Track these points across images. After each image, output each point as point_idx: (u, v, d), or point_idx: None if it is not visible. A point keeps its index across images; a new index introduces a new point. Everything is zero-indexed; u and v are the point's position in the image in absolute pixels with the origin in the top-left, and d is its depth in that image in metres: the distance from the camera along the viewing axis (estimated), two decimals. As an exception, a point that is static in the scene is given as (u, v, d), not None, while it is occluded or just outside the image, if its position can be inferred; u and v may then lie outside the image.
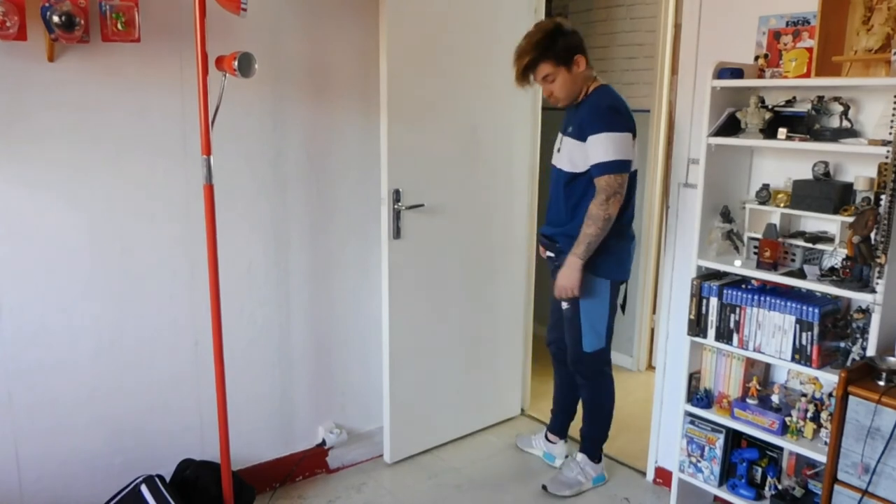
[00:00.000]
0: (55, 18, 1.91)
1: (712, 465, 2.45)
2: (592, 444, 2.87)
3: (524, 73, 2.49)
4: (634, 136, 2.48)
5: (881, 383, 1.92)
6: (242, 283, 2.58)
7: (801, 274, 2.18)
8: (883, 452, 1.87)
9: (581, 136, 2.47)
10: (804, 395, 2.31)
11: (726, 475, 2.46)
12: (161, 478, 2.35)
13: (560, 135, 2.62)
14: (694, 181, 2.54)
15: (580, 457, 2.88)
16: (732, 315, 2.32)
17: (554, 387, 3.03)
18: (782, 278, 2.19)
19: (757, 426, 2.30)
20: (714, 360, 2.46)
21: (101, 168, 2.24)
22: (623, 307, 2.76)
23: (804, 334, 2.15)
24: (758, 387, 2.36)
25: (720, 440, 2.42)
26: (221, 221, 2.34)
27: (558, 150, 2.62)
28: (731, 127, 2.32)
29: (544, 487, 2.82)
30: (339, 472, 2.95)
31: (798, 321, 2.16)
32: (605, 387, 2.81)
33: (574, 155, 2.52)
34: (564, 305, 2.66)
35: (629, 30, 3.88)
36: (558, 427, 3.05)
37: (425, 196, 2.85)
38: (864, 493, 1.92)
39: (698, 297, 2.39)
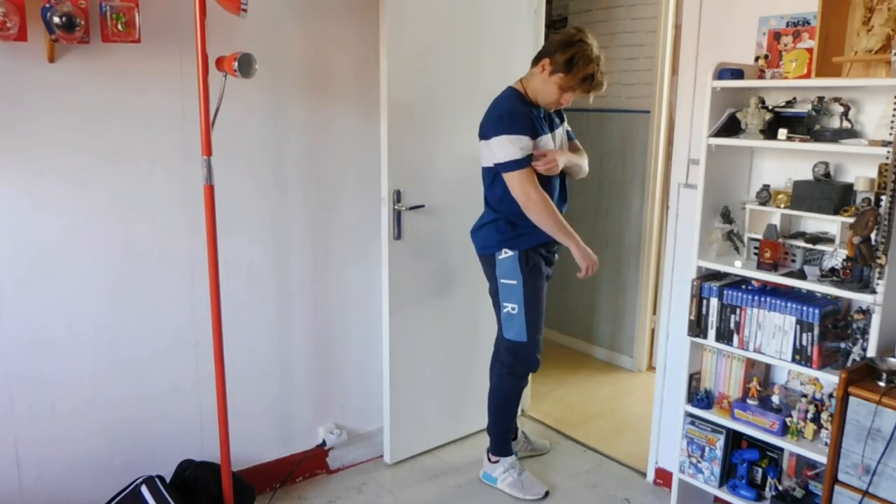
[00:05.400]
0: (56, 19, 1.90)
1: (713, 465, 2.45)
2: None
3: None
4: None
5: (881, 384, 1.92)
6: (242, 283, 2.58)
7: (801, 275, 2.18)
8: (883, 453, 1.87)
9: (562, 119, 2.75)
10: (804, 395, 2.31)
11: (727, 476, 2.46)
12: (161, 478, 2.35)
13: (549, 133, 2.60)
14: (694, 182, 2.54)
15: None
16: (733, 316, 2.32)
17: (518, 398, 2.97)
18: (782, 279, 2.19)
19: (757, 427, 2.30)
20: (714, 360, 2.46)
21: (101, 168, 2.24)
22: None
23: (804, 335, 2.15)
24: (758, 387, 2.36)
25: (720, 441, 2.42)
26: (222, 222, 2.34)
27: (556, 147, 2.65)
28: (731, 127, 2.32)
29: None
30: (339, 473, 2.95)
31: (798, 322, 2.15)
32: None
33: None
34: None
35: (629, 30, 3.88)
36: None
37: (425, 196, 2.85)
38: (865, 493, 1.92)
39: (698, 298, 2.39)
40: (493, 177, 2.60)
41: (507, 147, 2.48)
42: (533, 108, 2.56)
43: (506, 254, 2.62)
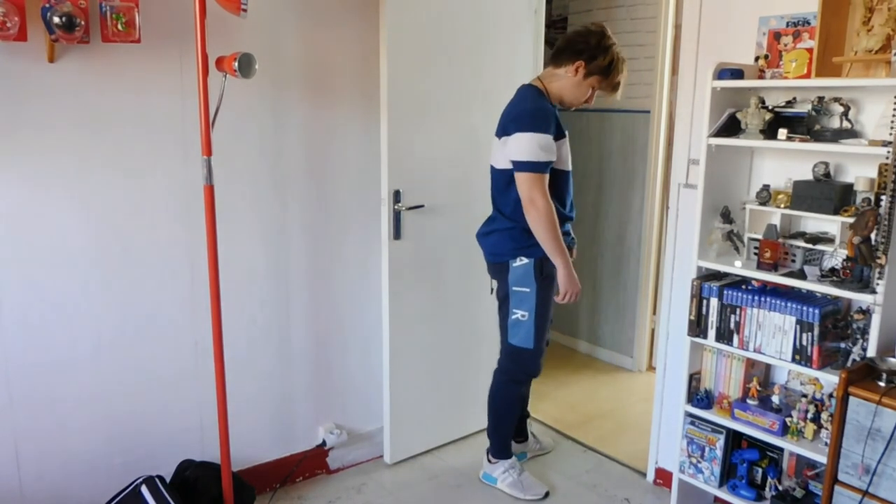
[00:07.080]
0: (56, 19, 1.90)
1: (713, 465, 2.45)
2: None
3: None
4: None
5: (881, 384, 1.92)
6: (242, 283, 2.58)
7: (801, 275, 2.18)
8: (883, 453, 1.87)
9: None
10: (804, 395, 2.31)
11: (727, 476, 2.46)
12: (161, 478, 2.35)
13: (566, 137, 2.59)
14: (694, 182, 2.54)
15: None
16: (733, 316, 2.32)
17: (523, 398, 2.99)
18: (782, 279, 2.19)
19: (757, 427, 2.30)
20: (714, 360, 2.46)
21: (101, 168, 2.24)
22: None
23: (804, 335, 2.15)
24: (758, 387, 2.36)
25: (720, 441, 2.42)
26: (222, 222, 2.34)
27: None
28: (731, 127, 2.32)
29: None
30: (339, 473, 2.95)
31: (798, 322, 2.15)
32: None
33: None
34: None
35: (629, 30, 3.88)
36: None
37: (425, 196, 2.85)
38: (865, 493, 1.92)
39: (698, 298, 2.39)
40: (507, 181, 2.49)
41: (527, 145, 2.39)
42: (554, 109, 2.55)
43: (521, 261, 2.56)
